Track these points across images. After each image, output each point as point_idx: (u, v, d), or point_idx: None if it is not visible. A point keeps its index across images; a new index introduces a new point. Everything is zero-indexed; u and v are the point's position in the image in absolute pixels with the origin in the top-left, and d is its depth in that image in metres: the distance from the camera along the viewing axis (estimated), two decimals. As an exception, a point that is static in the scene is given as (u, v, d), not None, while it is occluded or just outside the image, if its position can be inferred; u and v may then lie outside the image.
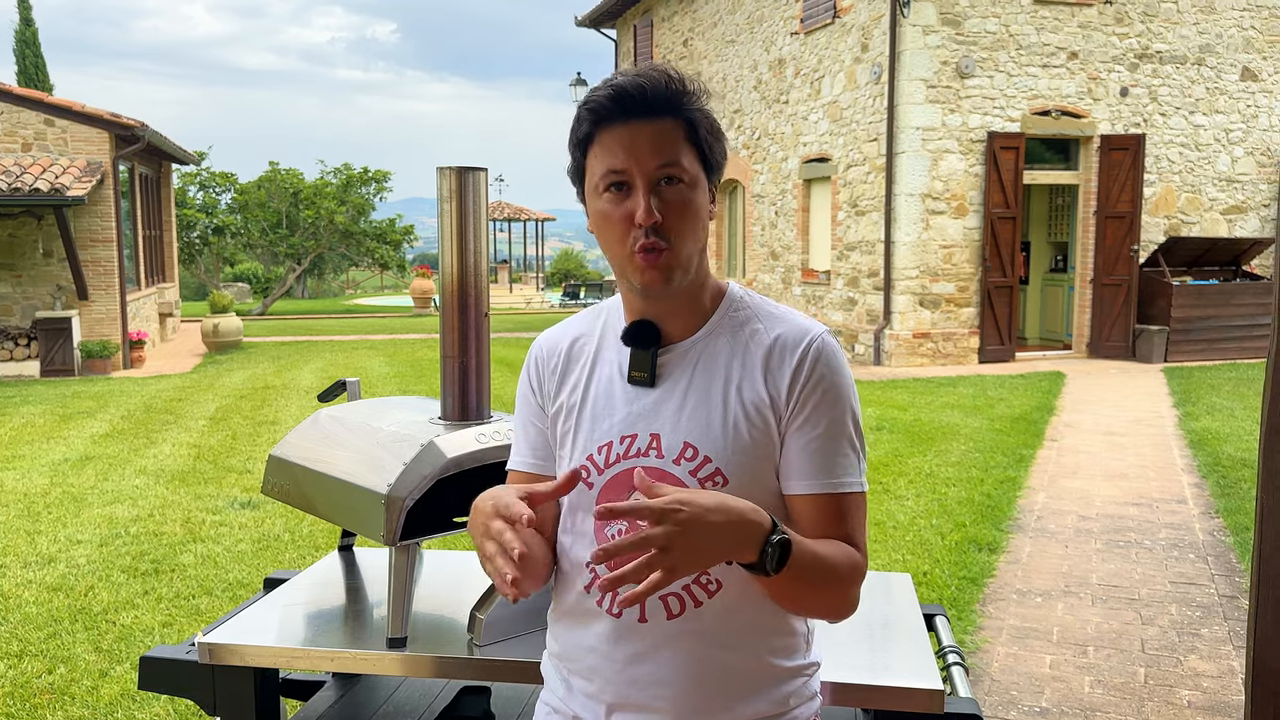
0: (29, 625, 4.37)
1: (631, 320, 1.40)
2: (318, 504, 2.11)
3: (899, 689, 1.75)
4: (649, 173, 1.29)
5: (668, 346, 1.38)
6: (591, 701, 1.39)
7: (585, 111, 1.32)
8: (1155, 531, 5.67)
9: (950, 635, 2.13)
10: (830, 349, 1.36)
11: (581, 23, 21.99)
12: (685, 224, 1.31)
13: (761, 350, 1.36)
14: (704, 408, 1.34)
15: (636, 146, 1.29)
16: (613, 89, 1.30)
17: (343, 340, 18.23)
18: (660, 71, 1.31)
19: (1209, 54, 13.16)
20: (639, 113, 1.29)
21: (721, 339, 1.38)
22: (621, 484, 1.35)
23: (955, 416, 8.96)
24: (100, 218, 13.75)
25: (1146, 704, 3.61)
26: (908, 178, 12.26)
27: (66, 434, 8.86)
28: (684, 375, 1.37)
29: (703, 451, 1.33)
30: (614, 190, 1.31)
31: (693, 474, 1.32)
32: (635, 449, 1.35)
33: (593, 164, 1.33)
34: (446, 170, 2.06)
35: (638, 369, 1.37)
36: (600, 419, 1.38)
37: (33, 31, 23.57)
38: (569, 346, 1.46)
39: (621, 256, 1.33)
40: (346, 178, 27.11)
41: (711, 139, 1.34)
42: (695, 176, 1.32)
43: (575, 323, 1.50)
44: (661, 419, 1.35)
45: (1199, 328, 12.73)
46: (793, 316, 1.40)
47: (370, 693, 2.38)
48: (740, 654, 1.35)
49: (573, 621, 1.41)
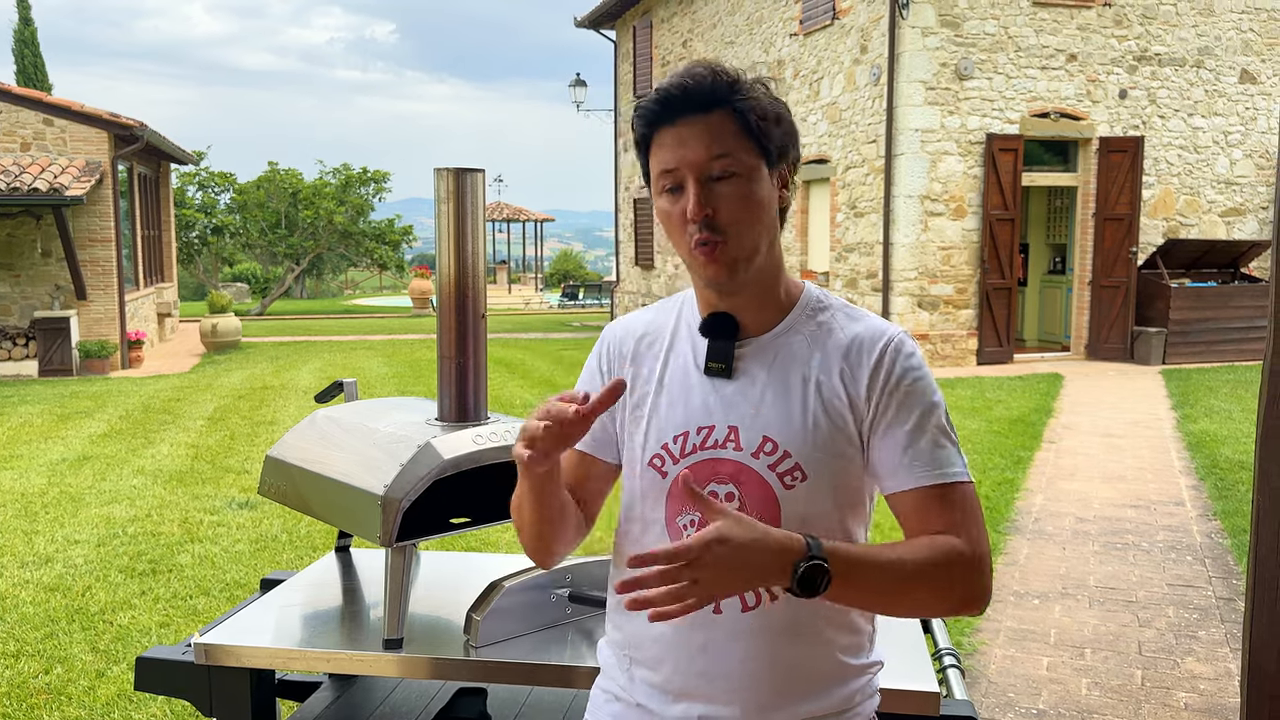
0: (26, 625, 4.36)
1: (708, 313, 1.39)
2: (314, 505, 2.11)
3: (895, 691, 1.74)
4: (698, 167, 1.29)
5: (745, 340, 1.38)
6: (656, 691, 1.38)
7: (635, 119, 1.34)
8: (1153, 534, 5.67)
9: (946, 637, 2.13)
10: (907, 346, 1.36)
11: (581, 24, 21.98)
12: (742, 215, 1.30)
13: (839, 350, 1.36)
14: (783, 402, 1.34)
15: (685, 144, 1.30)
16: (658, 92, 1.32)
17: (341, 341, 18.22)
18: (705, 68, 1.32)
19: (1208, 56, 13.17)
20: (686, 110, 1.30)
21: (799, 336, 1.38)
22: (698, 474, 1.35)
23: (953, 418, 8.95)
24: (99, 217, 13.74)
25: (1143, 706, 3.61)
26: (906, 179, 12.27)
27: (64, 434, 8.86)
28: (762, 369, 1.36)
29: (782, 445, 1.32)
30: (670, 192, 1.32)
31: (771, 468, 1.32)
32: (713, 440, 1.35)
33: (653, 167, 1.34)
34: (444, 171, 2.07)
35: (715, 360, 1.37)
36: (675, 408, 1.38)
37: (32, 31, 23.57)
38: (642, 334, 1.46)
39: (685, 253, 1.34)
40: (345, 178, 27.12)
41: (767, 125, 1.32)
42: (752, 167, 1.31)
43: (650, 312, 1.50)
44: (739, 411, 1.35)
45: (1197, 330, 12.74)
46: (870, 318, 1.40)
47: (366, 694, 2.38)
48: (811, 650, 1.36)
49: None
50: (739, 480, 1.34)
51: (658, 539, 1.37)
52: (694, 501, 1.16)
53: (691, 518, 1.35)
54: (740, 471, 1.33)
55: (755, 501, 1.33)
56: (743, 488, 1.33)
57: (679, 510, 1.36)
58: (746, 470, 1.33)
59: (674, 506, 1.37)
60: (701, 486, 1.33)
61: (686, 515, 1.35)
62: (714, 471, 1.34)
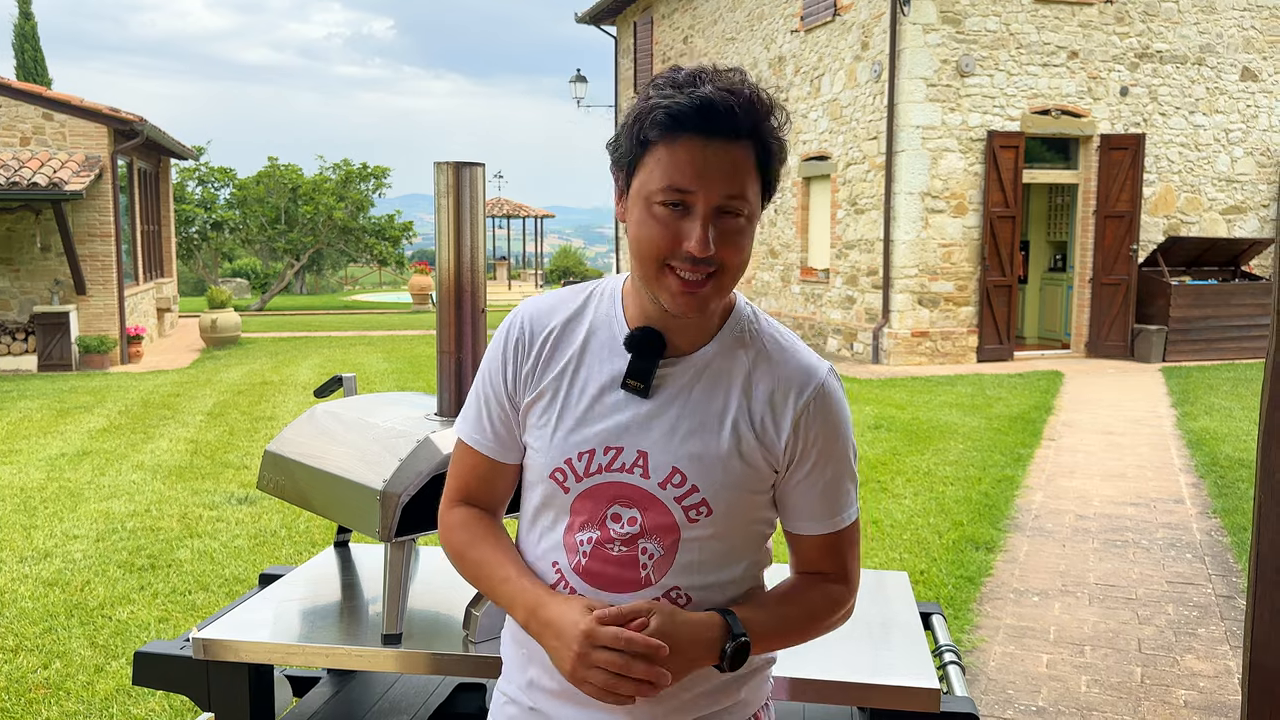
0: (24, 620, 4.36)
1: (636, 324, 1.33)
2: (313, 500, 2.11)
3: (895, 688, 1.74)
4: (713, 201, 1.22)
5: (669, 359, 1.33)
6: (551, 697, 1.36)
7: (664, 115, 1.22)
8: (1153, 531, 5.67)
9: (947, 634, 2.13)
10: (834, 393, 1.35)
11: (581, 19, 21.96)
12: (735, 260, 1.25)
13: (765, 388, 1.32)
14: (698, 434, 1.30)
15: (708, 171, 1.22)
16: (700, 101, 1.20)
17: (341, 336, 18.21)
18: (749, 88, 1.24)
19: (1209, 54, 13.15)
20: (720, 133, 1.22)
21: (725, 360, 1.33)
22: (598, 496, 1.32)
23: (953, 415, 8.96)
24: (98, 212, 13.72)
25: (1143, 704, 3.60)
26: (907, 176, 12.26)
27: (63, 429, 8.85)
28: (681, 393, 1.32)
29: (691, 479, 1.30)
30: (669, 207, 1.23)
31: (678, 500, 1.30)
32: (620, 463, 1.31)
33: (652, 168, 1.24)
34: (444, 165, 2.06)
35: (635, 378, 1.31)
36: (584, 422, 1.32)
37: (31, 25, 23.52)
38: (562, 322, 1.37)
39: (653, 272, 1.26)
40: (345, 173, 27.08)
41: (775, 166, 1.28)
42: (754, 209, 1.26)
43: (565, 302, 1.40)
44: (651, 436, 1.30)
45: (1198, 328, 12.73)
46: (799, 351, 1.36)
47: (365, 689, 2.38)
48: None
49: None
50: (643, 507, 1.31)
51: (554, 547, 1.35)
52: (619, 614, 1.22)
53: (590, 534, 1.32)
54: (645, 499, 1.30)
55: (656, 529, 1.31)
56: (646, 514, 1.31)
57: (579, 526, 1.33)
58: (652, 499, 1.30)
59: (574, 521, 1.33)
60: (604, 507, 1.32)
61: (585, 532, 1.33)
62: (619, 494, 1.31)
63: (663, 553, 1.31)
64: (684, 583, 1.31)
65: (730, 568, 1.35)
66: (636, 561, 1.31)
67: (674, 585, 1.31)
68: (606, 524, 1.32)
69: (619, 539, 1.31)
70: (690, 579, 1.32)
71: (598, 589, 1.31)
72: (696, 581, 1.32)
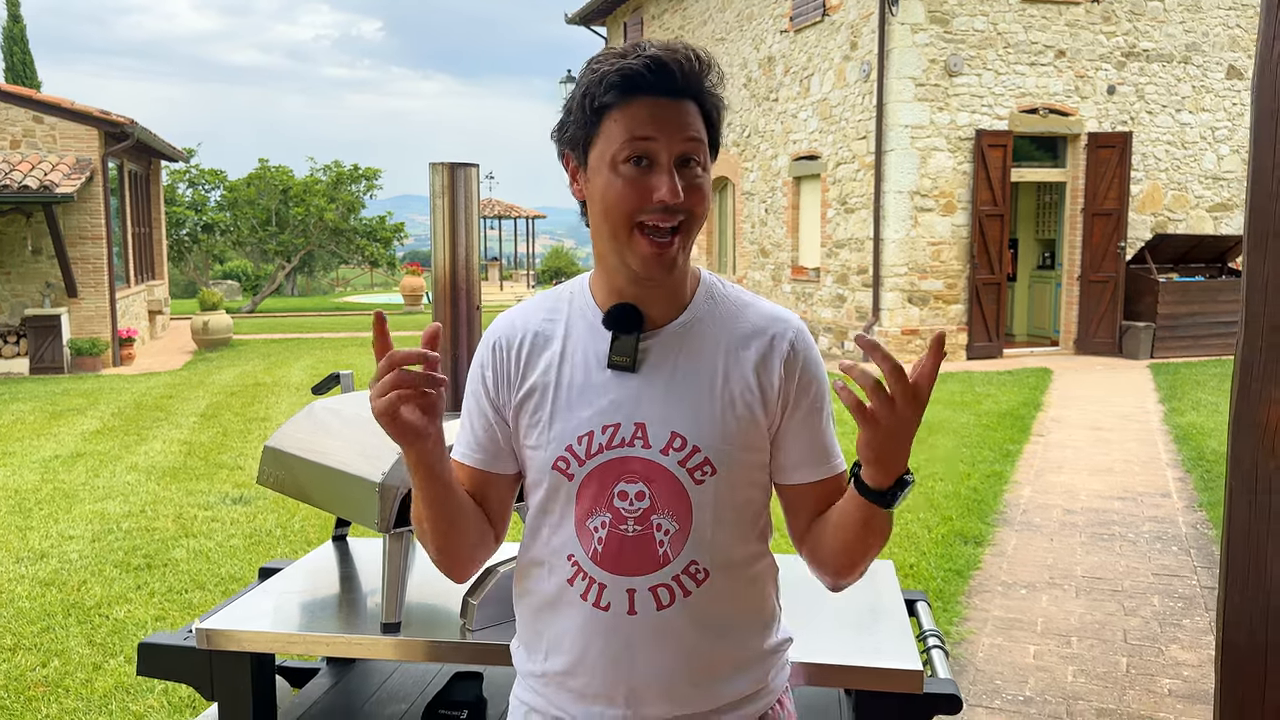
0: (22, 619, 4.39)
1: (611, 304, 1.35)
2: (313, 493, 2.15)
3: (880, 670, 1.79)
4: (676, 150, 1.26)
5: (650, 331, 1.35)
6: (575, 696, 1.36)
7: (617, 77, 1.25)
8: (1139, 525, 5.74)
9: (931, 619, 2.18)
10: (809, 338, 1.40)
11: (571, 20, 21.99)
12: (701, 206, 1.28)
13: (744, 340, 1.36)
14: (691, 396, 1.32)
15: (667, 122, 1.25)
16: (650, 60, 1.24)
17: (333, 338, 18.22)
18: (689, 49, 1.28)
19: (1195, 52, 13.25)
20: (670, 90, 1.26)
21: (703, 325, 1.36)
22: (603, 476, 1.32)
23: (943, 412, 9.02)
24: (89, 215, 13.72)
25: (1128, 692, 3.67)
26: (896, 175, 12.33)
27: (57, 431, 8.86)
28: (667, 361, 1.34)
29: (691, 441, 1.31)
30: (632, 163, 1.25)
31: (681, 464, 1.31)
32: (620, 438, 1.32)
33: (610, 132, 1.26)
34: (439, 166, 2.11)
35: (620, 354, 1.33)
36: (577, 407, 1.33)
37: (21, 28, 23.46)
38: (535, 331, 1.39)
39: (624, 234, 1.27)
40: (336, 175, 27.05)
41: (720, 124, 1.32)
42: (708, 164, 1.30)
43: (537, 306, 1.42)
44: (646, 407, 1.32)
45: (1185, 324, 12.82)
46: (763, 303, 1.41)
47: (364, 679, 2.43)
48: (728, 640, 1.36)
49: (553, 613, 1.38)
50: (649, 478, 1.32)
51: (568, 540, 1.35)
52: (872, 352, 1.19)
53: (602, 519, 1.32)
54: (649, 469, 1.31)
55: (666, 498, 1.32)
56: (653, 485, 1.32)
57: (589, 512, 1.33)
58: (656, 467, 1.31)
59: (583, 508, 1.34)
60: (611, 486, 1.32)
61: (597, 517, 1.33)
62: (623, 470, 1.32)
63: (677, 527, 1.32)
64: (700, 557, 1.33)
65: (742, 543, 1.37)
66: (653, 539, 1.31)
67: (692, 559, 1.32)
68: (615, 503, 1.32)
69: (631, 517, 1.32)
70: (706, 554, 1.33)
71: (616, 574, 1.32)
72: (712, 557, 1.33)
